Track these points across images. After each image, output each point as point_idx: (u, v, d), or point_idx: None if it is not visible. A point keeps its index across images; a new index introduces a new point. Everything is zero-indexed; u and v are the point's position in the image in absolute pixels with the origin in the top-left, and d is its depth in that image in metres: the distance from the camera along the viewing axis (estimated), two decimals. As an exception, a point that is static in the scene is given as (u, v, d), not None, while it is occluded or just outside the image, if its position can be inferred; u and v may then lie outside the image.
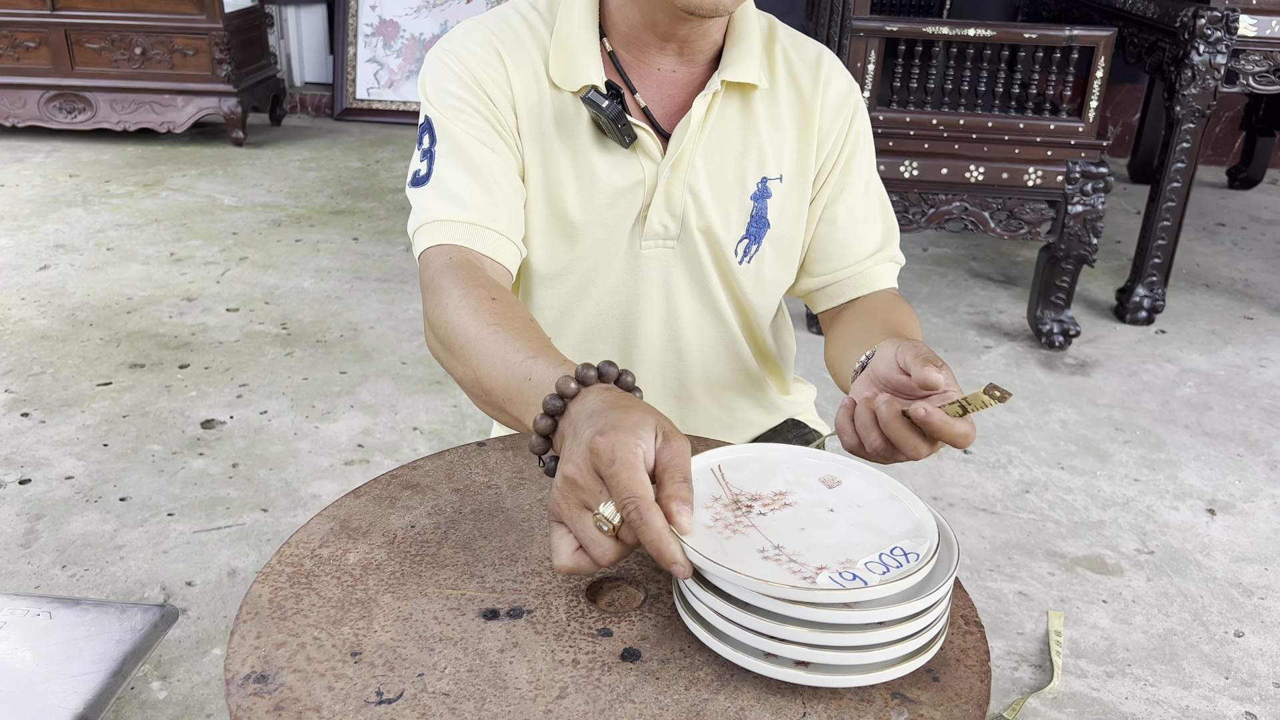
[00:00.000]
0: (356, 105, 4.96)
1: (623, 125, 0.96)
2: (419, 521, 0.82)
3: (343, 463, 2.17)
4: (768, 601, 0.64)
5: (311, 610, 0.72)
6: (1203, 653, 1.73)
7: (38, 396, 2.40)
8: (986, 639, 0.74)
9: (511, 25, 1.01)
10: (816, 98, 1.04)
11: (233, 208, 3.76)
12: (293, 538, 0.79)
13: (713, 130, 1.01)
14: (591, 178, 1.00)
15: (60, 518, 1.96)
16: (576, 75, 0.98)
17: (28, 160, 4.22)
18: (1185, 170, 2.83)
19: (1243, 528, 2.08)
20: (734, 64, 0.99)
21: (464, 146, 0.96)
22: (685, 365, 1.11)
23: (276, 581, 0.74)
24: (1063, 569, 1.93)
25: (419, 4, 4.90)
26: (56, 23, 4.26)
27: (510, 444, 0.95)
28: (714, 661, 0.68)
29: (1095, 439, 2.41)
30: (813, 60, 1.05)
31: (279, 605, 0.72)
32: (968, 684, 0.68)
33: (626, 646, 0.69)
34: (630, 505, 0.63)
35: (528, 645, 0.69)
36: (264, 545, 1.91)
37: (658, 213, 1.02)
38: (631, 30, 0.99)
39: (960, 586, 0.79)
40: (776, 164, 1.04)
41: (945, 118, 2.60)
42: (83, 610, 1.07)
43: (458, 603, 0.73)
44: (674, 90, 1.02)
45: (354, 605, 0.72)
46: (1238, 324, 3.10)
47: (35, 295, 2.95)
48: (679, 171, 1.00)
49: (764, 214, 1.04)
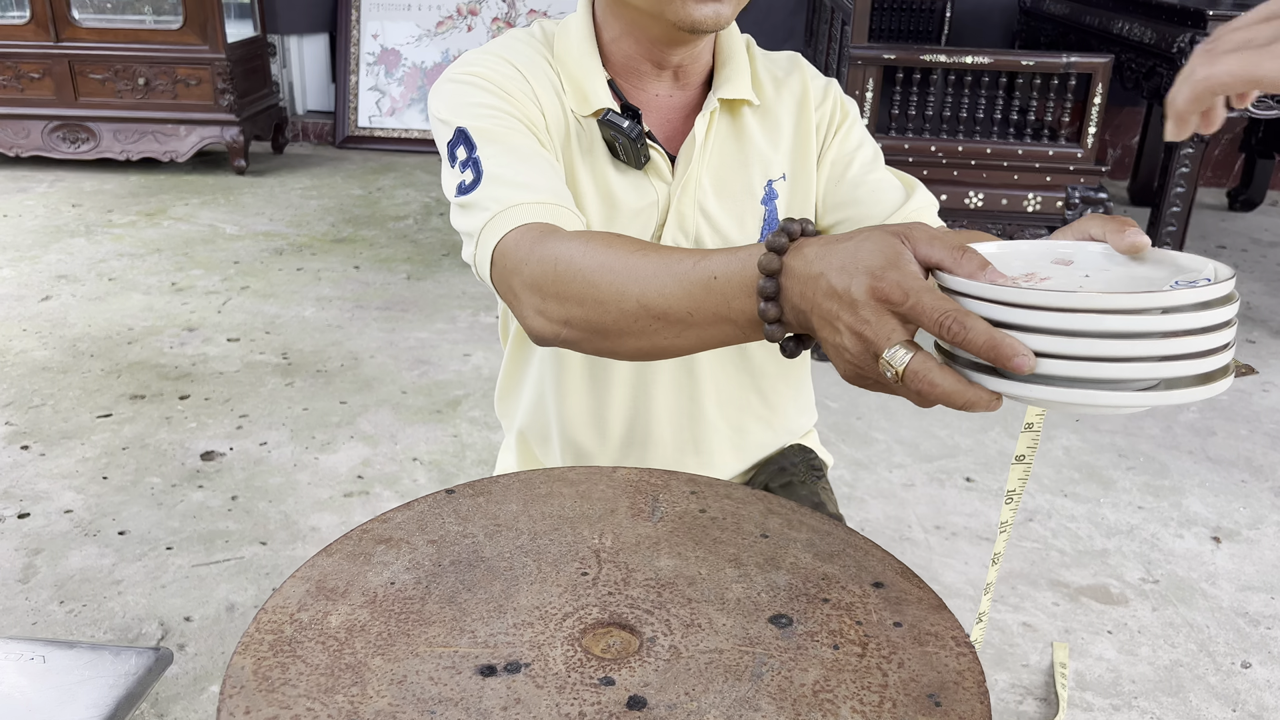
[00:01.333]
0: (358, 133, 4.99)
1: (643, 145, 0.98)
2: (398, 578, 0.80)
3: (342, 495, 2.17)
4: (1120, 320, 0.59)
5: (300, 679, 0.69)
6: (1210, 684, 1.71)
7: (38, 429, 2.40)
8: (979, 660, 0.73)
9: (527, 53, 1.02)
10: (801, 93, 1.08)
11: (234, 236, 3.77)
12: (268, 603, 0.77)
13: (713, 148, 1.04)
14: (610, 198, 1.02)
15: (58, 552, 1.96)
16: (589, 100, 1.00)
17: (31, 190, 4.24)
18: (1185, 193, 2.83)
19: (1248, 556, 2.07)
20: (727, 82, 1.03)
21: (511, 143, 0.92)
22: (698, 385, 1.12)
23: (258, 651, 0.71)
24: (1067, 599, 1.91)
25: (420, 33, 4.93)
26: (60, 54, 4.29)
27: (479, 490, 0.92)
28: (721, 704, 0.67)
29: (1098, 466, 2.40)
30: (786, 63, 1.10)
31: (265, 676, 0.69)
32: (969, 706, 0.68)
33: (631, 694, 0.68)
34: (948, 318, 0.60)
35: (531, 701, 0.67)
36: (263, 579, 1.90)
37: (671, 233, 1.03)
38: (628, 61, 1.02)
39: (947, 609, 0.79)
40: (779, 165, 1.07)
41: (944, 144, 2.60)
42: (77, 654, 1.06)
43: (452, 661, 0.71)
44: (672, 115, 1.05)
45: (344, 671, 0.70)
46: (1240, 347, 3.09)
47: (37, 326, 2.95)
48: (688, 191, 1.03)
49: (775, 215, 1.07)
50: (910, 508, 2.19)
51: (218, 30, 4.27)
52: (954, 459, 2.39)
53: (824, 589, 0.80)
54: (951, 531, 2.12)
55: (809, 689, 0.69)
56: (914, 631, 0.75)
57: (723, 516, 0.88)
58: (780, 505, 0.90)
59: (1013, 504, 0.91)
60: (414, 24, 4.93)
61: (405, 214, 4.11)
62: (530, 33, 1.05)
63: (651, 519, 0.87)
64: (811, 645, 0.73)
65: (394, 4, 4.92)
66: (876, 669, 0.71)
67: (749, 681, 0.70)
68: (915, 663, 0.72)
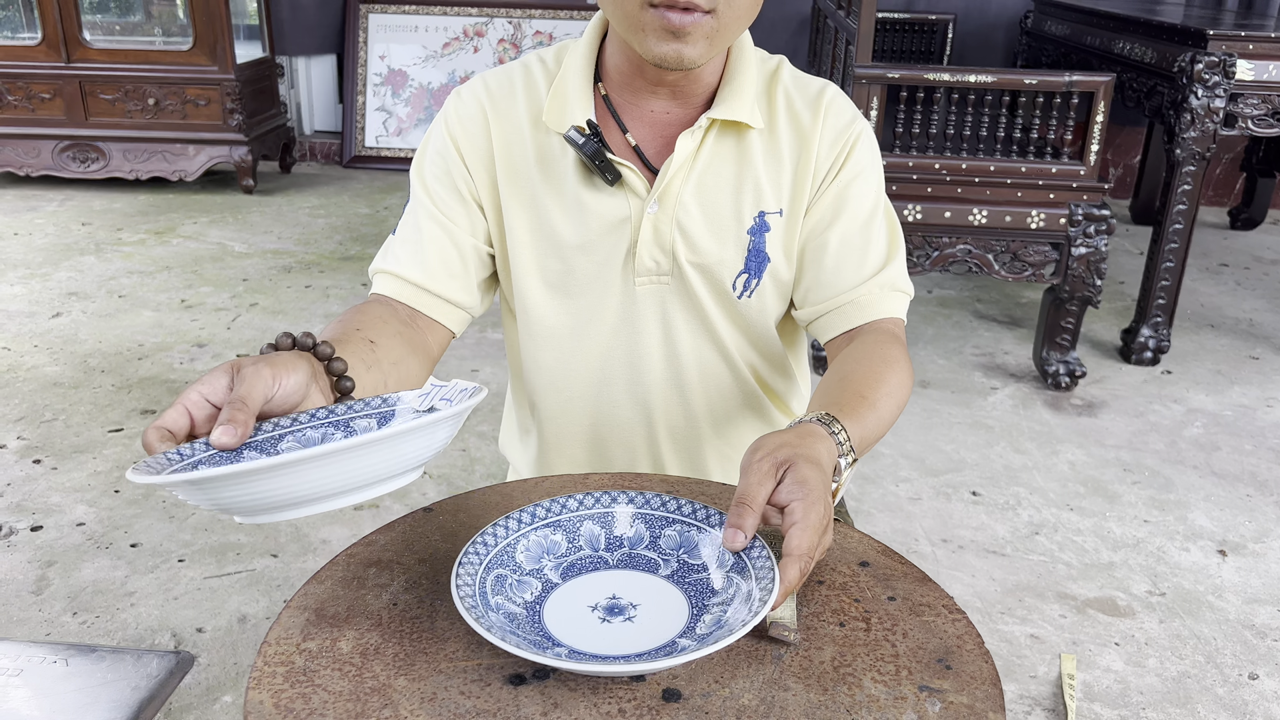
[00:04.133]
0: (365, 153, 5.03)
1: (601, 162, 0.99)
2: (399, 598, 0.78)
3: (352, 508, 2.18)
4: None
5: (326, 708, 0.66)
6: (1217, 696, 1.72)
7: (50, 443, 2.42)
8: (973, 624, 0.77)
9: (510, 77, 1.06)
10: (815, 131, 1.04)
11: (243, 254, 3.80)
12: (269, 636, 0.74)
13: (706, 167, 1.03)
14: (581, 216, 1.03)
15: (71, 564, 1.97)
16: (564, 117, 1.01)
17: (41, 209, 4.27)
18: (1187, 212, 2.86)
19: (1254, 569, 2.08)
20: (724, 103, 1.01)
21: (422, 217, 1.05)
22: (689, 402, 1.12)
23: (273, 684, 0.69)
24: (1074, 611, 1.92)
25: (427, 54, 4.98)
26: (71, 74, 4.34)
27: (459, 505, 0.92)
28: (752, 688, 0.69)
29: (1104, 480, 2.41)
30: (814, 95, 1.06)
31: (287, 708, 0.66)
32: (976, 666, 0.72)
33: (665, 688, 0.69)
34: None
35: (568, 704, 0.68)
36: (274, 591, 1.91)
37: (647, 247, 1.03)
38: (623, 76, 1.03)
39: (931, 580, 0.82)
40: (775, 199, 1.04)
41: (948, 162, 2.63)
42: (98, 657, 1.07)
43: (479, 674, 0.70)
44: (667, 130, 1.04)
45: (370, 695, 0.68)
46: (1244, 364, 3.10)
47: (48, 343, 2.97)
48: (666, 207, 1.02)
49: (762, 248, 1.04)
50: (917, 521, 2.20)
51: (227, 51, 4.31)
52: (960, 473, 2.40)
53: (816, 571, 0.82)
54: (958, 545, 2.13)
55: (829, 665, 0.72)
56: (908, 604, 0.79)
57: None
58: None
59: None
60: (420, 45, 4.98)
61: (412, 232, 4.14)
62: (540, 56, 1.07)
63: None
64: (819, 625, 0.76)
65: (401, 25, 4.97)
66: (885, 641, 0.75)
67: (771, 664, 0.72)
68: (918, 632, 0.76)
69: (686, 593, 0.77)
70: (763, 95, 1.05)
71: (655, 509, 0.83)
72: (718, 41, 0.93)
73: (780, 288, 1.08)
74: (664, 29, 0.90)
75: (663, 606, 0.75)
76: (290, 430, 0.76)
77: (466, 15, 4.96)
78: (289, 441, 0.75)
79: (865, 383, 0.93)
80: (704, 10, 0.89)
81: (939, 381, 2.90)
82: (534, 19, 4.95)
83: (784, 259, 1.06)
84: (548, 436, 1.16)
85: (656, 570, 0.79)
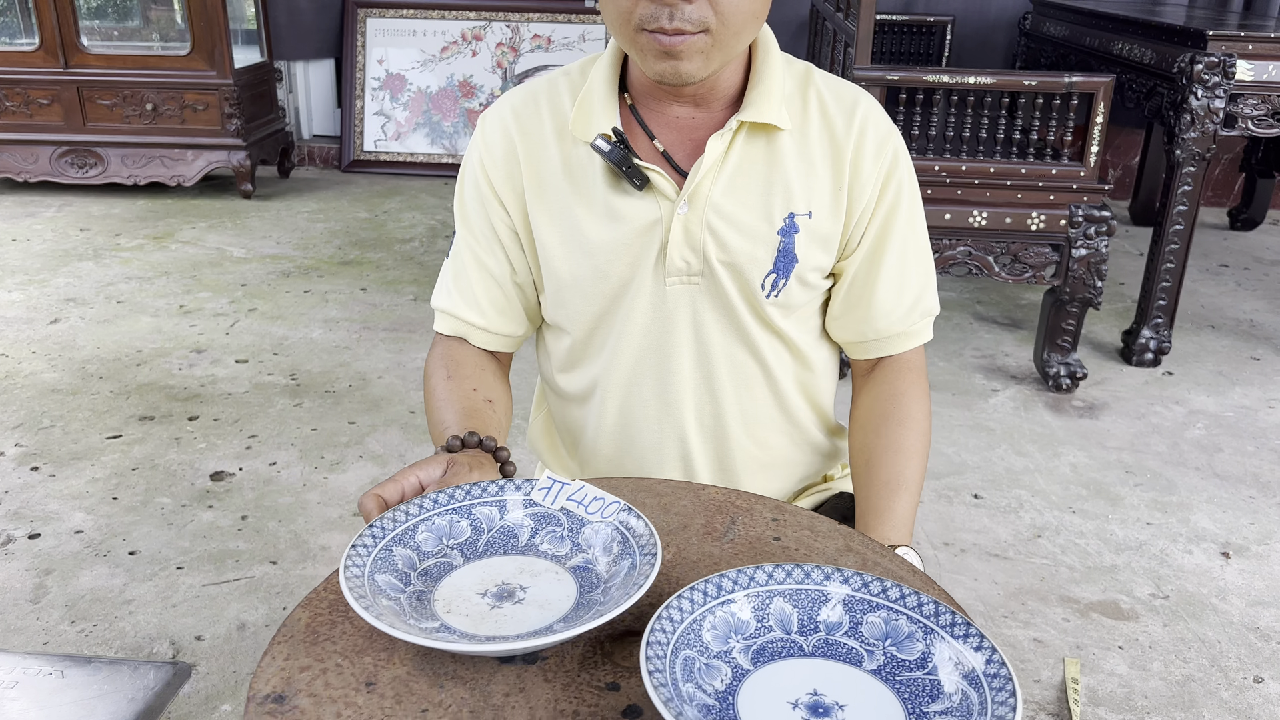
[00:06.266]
0: (364, 157, 5.02)
1: (628, 168, 1.01)
2: None
3: (351, 514, 2.17)
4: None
5: (342, 638, 0.74)
6: (1222, 699, 1.71)
7: (48, 450, 2.41)
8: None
9: (534, 94, 1.09)
10: (850, 139, 1.05)
11: (241, 259, 3.79)
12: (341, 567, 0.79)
13: (736, 168, 1.04)
14: (611, 221, 1.04)
15: (69, 572, 1.96)
16: (591, 127, 1.03)
17: (39, 215, 4.26)
18: (1187, 213, 2.85)
19: (1258, 571, 2.07)
20: (752, 105, 1.02)
21: (466, 257, 1.13)
22: (719, 402, 1.12)
23: (317, 607, 0.77)
24: (1077, 614, 1.91)
25: (425, 58, 4.98)
26: (69, 80, 4.33)
27: None
28: None
29: (1106, 482, 2.40)
30: (849, 102, 1.07)
31: (314, 630, 0.74)
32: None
33: (630, 703, 0.69)
34: None
35: (533, 691, 0.69)
36: (273, 598, 1.90)
37: (677, 248, 1.04)
38: (646, 85, 1.05)
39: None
40: (805, 201, 1.05)
41: (947, 164, 2.62)
42: (95, 669, 1.07)
43: None
44: (694, 134, 1.05)
45: (381, 636, 0.74)
46: (1245, 365, 3.09)
47: (46, 349, 2.97)
48: (696, 208, 1.03)
49: (791, 249, 1.05)
50: (918, 524, 2.19)
51: (225, 56, 4.31)
52: (961, 476, 2.39)
53: None
54: (960, 548, 2.12)
55: None
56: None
57: (795, 547, 0.86)
58: (862, 543, 0.87)
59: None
60: (419, 50, 4.97)
61: (411, 236, 4.13)
62: (566, 70, 1.11)
63: (722, 540, 0.86)
64: None
65: (399, 30, 4.97)
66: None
67: None
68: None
69: (899, 694, 0.68)
70: (795, 97, 1.06)
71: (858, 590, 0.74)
72: (715, 56, 0.95)
73: (806, 289, 1.09)
74: (659, 50, 0.93)
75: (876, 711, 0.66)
76: (420, 519, 0.82)
77: (464, 19, 4.96)
78: (423, 532, 0.82)
79: (893, 471, 1.08)
80: (693, 32, 0.91)
81: (940, 384, 2.89)
82: (532, 23, 4.94)
83: (816, 260, 1.07)
84: (576, 434, 1.19)
85: (860, 663, 0.70)
